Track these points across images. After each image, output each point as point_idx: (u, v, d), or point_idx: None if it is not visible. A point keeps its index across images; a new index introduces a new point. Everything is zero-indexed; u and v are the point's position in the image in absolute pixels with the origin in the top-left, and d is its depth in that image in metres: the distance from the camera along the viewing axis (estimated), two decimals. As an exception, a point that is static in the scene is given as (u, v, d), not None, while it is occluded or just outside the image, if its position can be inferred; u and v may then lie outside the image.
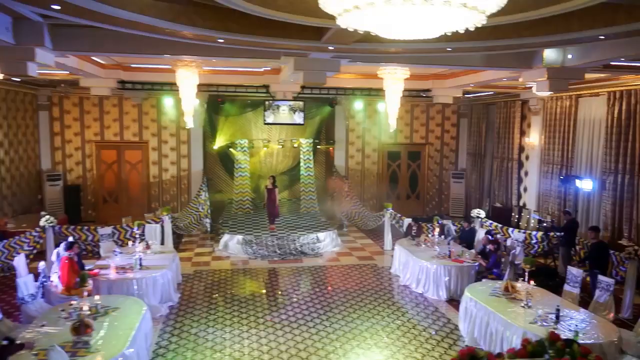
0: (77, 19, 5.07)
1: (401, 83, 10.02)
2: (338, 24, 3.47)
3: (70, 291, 7.93)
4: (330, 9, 3.40)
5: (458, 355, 2.27)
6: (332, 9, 3.38)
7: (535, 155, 13.56)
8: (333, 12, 3.42)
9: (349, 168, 16.89)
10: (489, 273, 9.19)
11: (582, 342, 5.23)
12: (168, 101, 14.77)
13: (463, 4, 3.02)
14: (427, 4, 2.98)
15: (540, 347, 2.29)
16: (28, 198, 14.24)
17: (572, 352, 2.20)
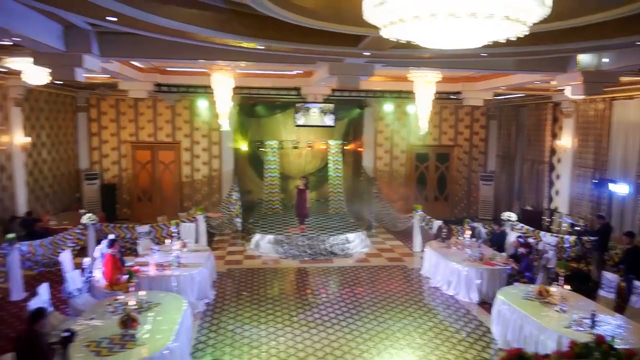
0: (129, 29, 5.34)
1: (432, 86, 10.08)
2: (380, 34, 3.61)
3: (112, 286, 8.28)
4: (375, 21, 3.54)
5: (506, 355, 2.37)
6: (377, 21, 3.52)
7: (568, 158, 13.41)
8: (377, 24, 3.56)
9: (377, 169, 16.98)
10: (521, 277, 9.17)
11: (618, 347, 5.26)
12: (200, 103, 15.12)
13: (506, 16, 3.13)
14: (471, 17, 3.10)
15: (586, 349, 2.38)
16: (67, 196, 14.79)
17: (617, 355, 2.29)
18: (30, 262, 9.52)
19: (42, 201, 13.10)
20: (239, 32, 5.28)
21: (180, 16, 4.81)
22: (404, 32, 3.52)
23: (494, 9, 3.04)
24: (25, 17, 5.63)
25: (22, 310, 8.43)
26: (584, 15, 4.56)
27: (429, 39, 3.60)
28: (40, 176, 13.07)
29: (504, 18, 3.12)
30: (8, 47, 7.06)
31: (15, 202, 11.79)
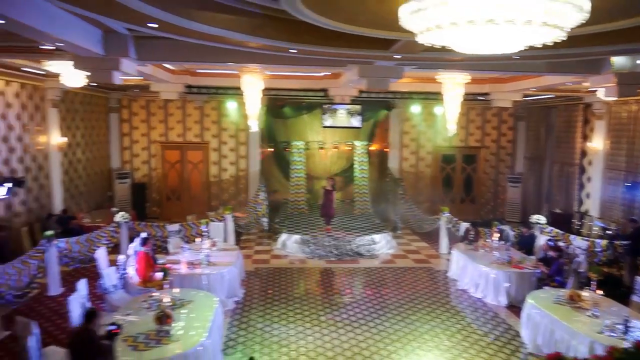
0: (167, 34, 5.51)
1: (461, 88, 10.04)
2: (412, 38, 3.67)
3: (145, 283, 8.51)
4: (412, 27, 3.59)
5: (546, 358, 2.41)
6: (414, 27, 3.58)
7: (599, 160, 13.16)
8: (414, 30, 3.61)
9: (402, 170, 16.95)
10: (551, 280, 9.06)
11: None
12: (228, 104, 15.35)
13: (544, 22, 3.15)
14: (509, 23, 3.13)
15: (626, 355, 2.39)
16: (100, 194, 15.21)
17: (658, 360, 2.30)
18: (66, 259, 9.83)
19: (76, 199, 13.51)
20: (272, 36, 5.40)
21: (217, 22, 4.94)
22: (440, 37, 3.57)
23: (532, 16, 3.06)
24: (68, 22, 5.85)
25: (60, 305, 8.77)
26: (620, 19, 4.52)
27: (465, 45, 3.64)
28: (75, 175, 13.48)
29: (542, 24, 3.14)
30: (49, 51, 7.33)
31: (51, 201, 12.20)
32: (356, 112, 14.52)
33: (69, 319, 6.50)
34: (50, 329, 7.79)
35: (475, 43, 3.55)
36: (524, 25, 3.14)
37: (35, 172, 11.52)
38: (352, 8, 4.00)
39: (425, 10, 3.29)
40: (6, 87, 10.30)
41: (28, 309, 8.48)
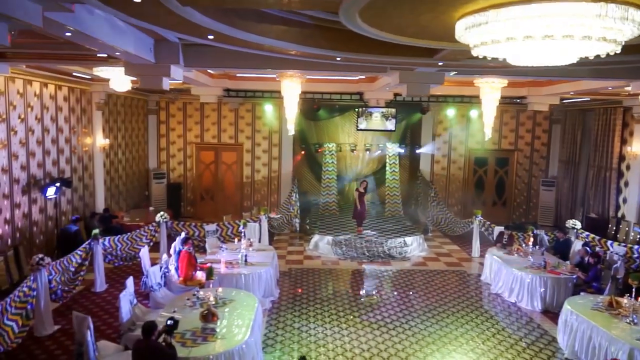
0: (222, 45, 5.75)
1: (498, 92, 10.04)
2: (457, 47, 3.77)
3: (186, 282, 8.81)
4: (467, 41, 3.71)
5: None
6: (469, 41, 3.69)
7: (638, 165, 12.93)
8: (469, 43, 3.73)
9: (434, 173, 16.95)
10: (588, 286, 9.00)
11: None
12: (263, 107, 15.63)
13: (602, 37, 3.22)
14: (567, 38, 3.22)
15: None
16: (138, 194, 15.70)
17: None
18: (110, 256, 10.23)
19: (116, 198, 13.99)
20: (321, 45, 5.57)
21: (272, 33, 5.14)
22: (495, 51, 3.68)
23: (591, 31, 3.14)
24: (125, 33, 6.16)
25: (105, 301, 9.15)
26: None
27: (520, 57, 3.73)
28: (116, 175, 13.97)
29: (600, 39, 3.21)
30: (103, 59, 7.67)
31: (94, 200, 12.68)
32: (391, 115, 14.60)
33: (120, 315, 6.80)
34: (98, 324, 8.11)
35: (530, 56, 3.65)
36: (582, 40, 3.22)
37: (80, 172, 12.01)
38: (404, 21, 4.13)
39: (482, 26, 3.40)
40: (58, 91, 10.77)
41: (75, 304, 8.87)
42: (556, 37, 3.20)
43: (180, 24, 4.54)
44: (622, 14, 3.14)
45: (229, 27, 4.66)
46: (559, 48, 3.37)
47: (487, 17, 3.35)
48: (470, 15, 3.53)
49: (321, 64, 7.27)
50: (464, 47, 4.66)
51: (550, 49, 3.42)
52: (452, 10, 3.58)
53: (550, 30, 3.17)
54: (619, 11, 3.16)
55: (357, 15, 3.81)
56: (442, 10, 3.54)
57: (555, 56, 3.58)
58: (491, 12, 3.33)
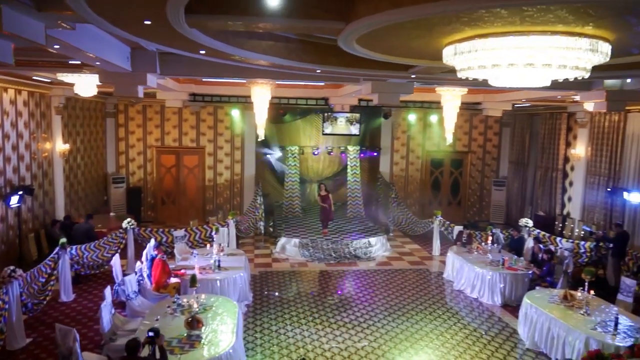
0: (218, 60, 5.85)
1: (459, 99, 10.60)
2: (430, 64, 4.12)
3: (159, 289, 8.79)
4: (454, 64, 4.06)
5: (587, 355, 2.87)
6: (457, 65, 4.04)
7: (581, 166, 13.96)
8: (456, 66, 4.08)
9: (393, 174, 17.51)
10: (542, 281, 9.72)
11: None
12: (227, 110, 15.64)
13: (575, 66, 3.66)
14: (545, 67, 3.62)
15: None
16: (97, 199, 15.30)
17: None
18: (77, 265, 10.00)
19: (75, 205, 13.61)
20: (305, 59, 5.79)
21: (259, 48, 5.32)
22: (479, 73, 4.05)
23: (566, 61, 3.56)
24: (107, 42, 6.14)
25: (74, 311, 8.98)
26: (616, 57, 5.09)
27: (500, 80, 4.12)
28: (75, 181, 13.58)
29: (573, 68, 3.64)
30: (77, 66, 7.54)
31: (55, 207, 12.30)
32: (355, 120, 15.01)
33: (101, 325, 6.77)
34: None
35: (510, 79, 4.04)
36: (558, 69, 3.63)
37: (40, 179, 11.63)
38: (394, 44, 4.43)
39: (471, 52, 3.75)
40: (17, 96, 10.40)
41: (44, 315, 8.66)
42: (537, 65, 3.60)
43: (178, 41, 4.63)
44: (593, 46, 3.58)
45: (225, 45, 4.81)
46: (538, 74, 3.78)
47: (475, 46, 3.71)
48: (459, 43, 3.87)
49: (298, 75, 7.49)
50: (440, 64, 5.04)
51: (529, 75, 3.83)
52: (442, 38, 3.91)
53: (532, 60, 3.56)
54: (589, 44, 3.60)
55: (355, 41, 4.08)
56: (433, 37, 3.86)
57: (532, 80, 4.00)
58: (479, 41, 3.69)
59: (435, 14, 3.03)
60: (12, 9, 3.30)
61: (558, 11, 2.97)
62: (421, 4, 2.90)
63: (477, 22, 3.34)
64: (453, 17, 3.24)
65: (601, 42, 3.60)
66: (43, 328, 8.12)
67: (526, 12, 3.03)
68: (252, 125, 16.19)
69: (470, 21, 3.32)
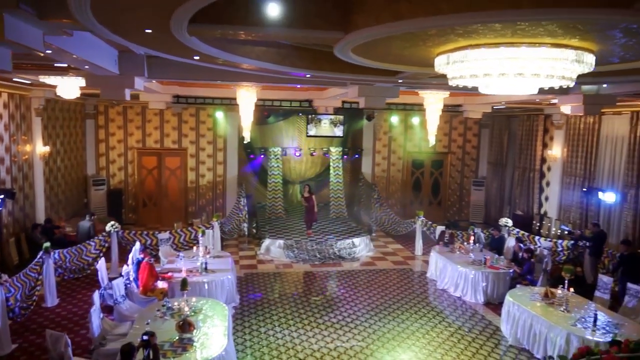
0: (207, 64, 5.88)
1: (441, 102, 10.82)
2: (418, 71, 4.27)
3: (147, 293, 8.76)
4: (447, 72, 4.21)
5: (578, 351, 3.04)
6: (449, 73, 4.19)
7: (557, 166, 14.38)
8: (448, 74, 4.23)
9: (375, 175, 17.71)
10: (523, 279, 10.01)
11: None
12: (209, 112, 15.60)
13: (562, 76, 3.84)
14: (534, 77, 3.79)
15: (637, 347, 3.08)
16: (77, 202, 15.07)
17: (664, 349, 3.01)
18: (61, 270, 9.88)
19: (55, 208, 13.40)
20: (296, 65, 5.88)
21: (252, 54, 5.38)
22: (469, 82, 4.20)
23: (554, 72, 3.74)
24: (96, 46, 6.12)
25: (59, 316, 8.87)
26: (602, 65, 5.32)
27: (490, 87, 4.29)
28: (55, 183, 13.37)
29: (560, 77, 3.82)
30: (63, 69, 7.47)
31: (35, 210, 12.09)
32: (339, 122, 15.15)
33: (91, 330, 6.73)
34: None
35: (500, 87, 4.21)
36: (546, 78, 3.81)
37: (21, 182, 11.42)
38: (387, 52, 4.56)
39: (464, 62, 3.90)
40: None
41: (28, 321, 8.53)
42: (526, 75, 3.77)
43: (174, 48, 4.67)
44: (579, 58, 3.76)
45: (220, 51, 4.86)
46: (527, 83, 3.96)
47: (468, 56, 3.86)
48: (452, 52, 4.02)
49: (287, 79, 7.56)
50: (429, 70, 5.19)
51: (519, 83, 4.00)
52: (434, 47, 4.05)
53: (523, 70, 3.73)
54: (575, 55, 3.78)
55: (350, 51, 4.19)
56: (426, 46, 3.99)
57: (521, 88, 4.17)
58: (472, 51, 3.84)
59: (434, 27, 3.16)
60: (13, 16, 3.30)
61: (549, 25, 3.14)
62: (421, 18, 3.03)
63: (471, 34, 3.49)
64: (449, 29, 3.38)
65: (586, 53, 3.78)
66: (28, 334, 8.01)
67: (519, 26, 3.19)
68: (235, 127, 16.30)
69: (465, 33, 3.47)
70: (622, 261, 9.53)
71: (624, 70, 5.25)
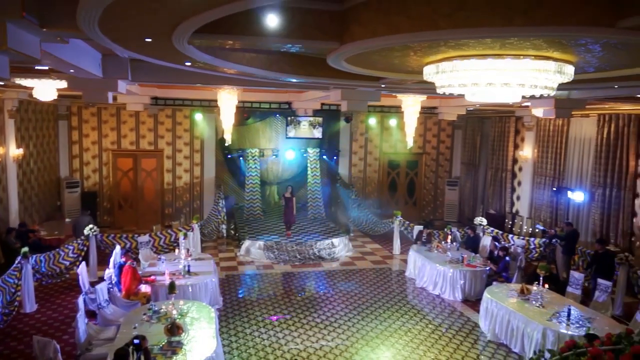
0: (208, 71, 5.92)
1: (419, 105, 11.09)
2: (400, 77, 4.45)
3: (130, 296, 8.71)
4: (435, 81, 4.39)
5: (565, 345, 3.25)
6: (437, 82, 4.38)
7: (528, 167, 14.89)
8: (436, 83, 4.42)
9: (352, 176, 17.93)
10: (499, 276, 10.37)
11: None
12: (185, 113, 15.51)
13: (544, 86, 4.07)
14: (519, 87, 4.02)
15: (618, 339, 3.31)
16: (50, 205, 14.77)
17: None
18: (39, 275, 9.71)
19: (29, 211, 13.11)
20: (285, 70, 5.98)
21: (243, 60, 5.45)
22: (456, 90, 4.40)
23: (538, 82, 3.97)
24: (82, 50, 6.08)
25: (39, 322, 8.73)
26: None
27: (476, 95, 4.50)
28: (29, 186, 13.08)
29: (543, 87, 4.06)
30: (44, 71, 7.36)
31: (9, 214, 11.81)
32: (318, 123, 15.29)
33: (77, 335, 6.69)
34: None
35: (486, 95, 4.42)
36: (530, 88, 4.04)
37: (-6, 185, 11.16)
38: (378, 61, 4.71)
39: (453, 72, 4.09)
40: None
41: (8, 327, 8.38)
42: (512, 85, 3.99)
43: (169, 54, 4.70)
44: (560, 69, 4.01)
45: (213, 58, 4.92)
46: (512, 92, 4.18)
47: (457, 66, 4.05)
48: (440, 62, 4.21)
49: (273, 82, 7.65)
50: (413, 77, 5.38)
51: (504, 92, 4.21)
52: (424, 57, 4.23)
53: (509, 80, 3.94)
54: (556, 66, 4.02)
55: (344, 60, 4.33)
56: (417, 56, 4.17)
57: (506, 96, 4.39)
58: (461, 61, 4.03)
59: (429, 41, 3.33)
60: (14, 25, 3.30)
61: (535, 40, 3.35)
62: (417, 32, 3.19)
63: (461, 46, 3.68)
64: (441, 42, 3.55)
65: (566, 65, 4.03)
66: (9, 340, 7.88)
67: (508, 40, 3.39)
68: (212, 128, 16.26)
69: (456, 45, 3.66)
70: (595, 259, 9.95)
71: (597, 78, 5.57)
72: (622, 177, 11.49)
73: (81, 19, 3.05)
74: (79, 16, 2.99)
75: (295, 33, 3.83)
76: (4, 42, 3.18)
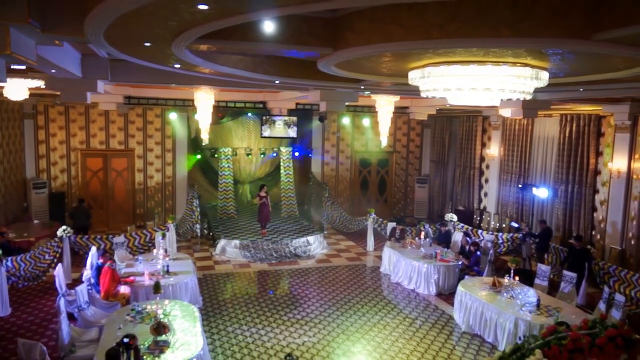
0: (190, 72, 5.96)
1: (392, 105, 11.39)
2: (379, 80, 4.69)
3: (109, 297, 8.65)
4: (419, 86, 4.63)
5: (547, 330, 3.52)
6: (421, 86, 4.62)
7: (495, 164, 15.46)
8: (421, 87, 4.65)
9: (324, 174, 18.14)
10: (471, 270, 10.79)
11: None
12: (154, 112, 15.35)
13: (522, 91, 4.37)
14: (499, 92, 4.30)
15: (593, 324, 3.63)
16: (16, 206, 14.36)
17: (614, 326, 3.56)
18: (14, 278, 9.50)
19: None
20: (269, 72, 6.10)
21: (230, 62, 5.55)
22: (440, 93, 4.65)
23: (516, 87, 4.25)
24: (64, 50, 6.04)
25: (14, 325, 8.56)
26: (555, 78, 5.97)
27: (458, 99, 4.76)
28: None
29: (521, 92, 4.35)
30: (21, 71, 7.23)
31: (-25, 216, 11.46)
32: (293, 123, 15.40)
33: (60, 337, 6.64)
34: (11, 347, 7.67)
35: (467, 98, 4.69)
36: (510, 92, 4.32)
37: (-40, 187, 10.80)
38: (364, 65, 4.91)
39: (438, 77, 4.33)
40: None
41: (-18, 332, 8.20)
42: (493, 89, 4.27)
43: (160, 57, 4.74)
44: (537, 75, 4.31)
45: (203, 61, 5.00)
46: (492, 96, 4.46)
47: (442, 71, 4.30)
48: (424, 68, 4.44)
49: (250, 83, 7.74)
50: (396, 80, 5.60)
51: (485, 96, 4.49)
52: (410, 62, 4.46)
53: (490, 85, 4.21)
54: (532, 72, 4.33)
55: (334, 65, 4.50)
56: (404, 62, 4.38)
57: (486, 99, 4.68)
58: (446, 67, 4.28)
59: (421, 49, 3.54)
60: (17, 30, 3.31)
61: (518, 50, 3.62)
62: (410, 41, 3.39)
63: (448, 54, 3.91)
64: (430, 49, 3.78)
65: (542, 71, 4.34)
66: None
67: (491, 50, 3.64)
68: (185, 127, 16.16)
69: (443, 52, 3.89)
70: (571, 254, 10.44)
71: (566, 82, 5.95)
72: (583, 174, 12.12)
73: (89, 28, 3.11)
74: (88, 25, 3.04)
75: (289, 39, 3.98)
76: (7, 46, 3.20)
